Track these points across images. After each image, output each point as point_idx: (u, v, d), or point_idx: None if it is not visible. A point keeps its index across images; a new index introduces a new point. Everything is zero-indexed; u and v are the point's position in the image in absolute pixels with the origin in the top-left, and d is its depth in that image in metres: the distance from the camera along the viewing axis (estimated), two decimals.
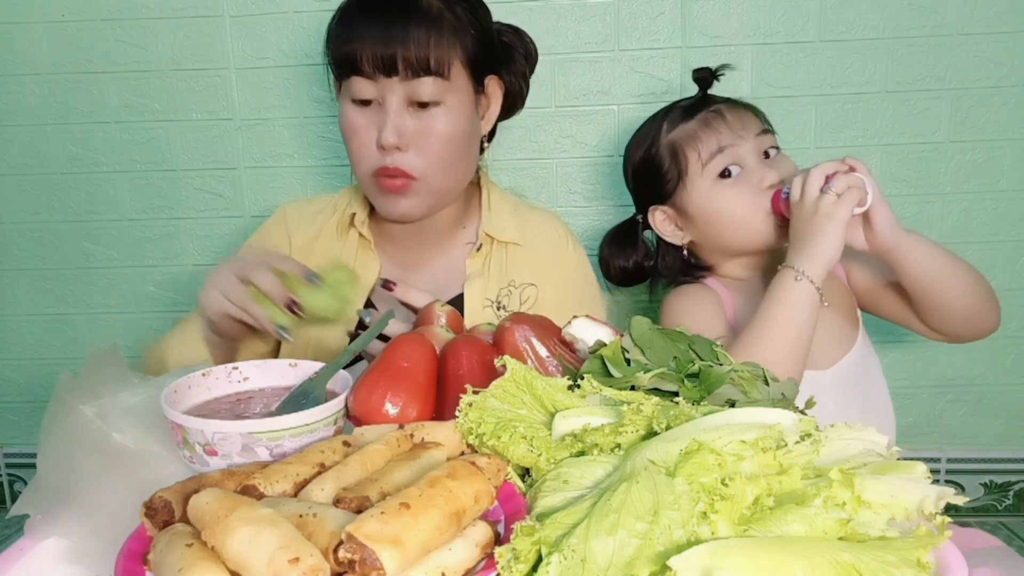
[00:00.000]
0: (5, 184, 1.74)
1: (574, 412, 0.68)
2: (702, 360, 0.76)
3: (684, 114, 1.20)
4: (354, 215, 1.21)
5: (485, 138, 1.21)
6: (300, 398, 0.79)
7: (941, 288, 1.09)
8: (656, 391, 0.72)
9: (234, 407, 0.80)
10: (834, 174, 1.03)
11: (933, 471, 0.85)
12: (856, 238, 1.06)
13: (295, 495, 0.60)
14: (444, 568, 0.52)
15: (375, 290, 1.20)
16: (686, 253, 1.26)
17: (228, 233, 1.74)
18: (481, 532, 0.55)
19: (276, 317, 0.91)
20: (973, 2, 1.57)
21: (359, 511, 0.54)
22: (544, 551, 0.51)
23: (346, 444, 0.67)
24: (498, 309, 1.18)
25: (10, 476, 1.96)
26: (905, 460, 0.57)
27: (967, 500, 0.60)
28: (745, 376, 0.74)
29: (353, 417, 0.79)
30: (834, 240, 1.01)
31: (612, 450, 0.63)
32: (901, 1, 1.57)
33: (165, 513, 0.58)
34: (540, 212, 1.29)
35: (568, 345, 0.85)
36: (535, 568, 0.50)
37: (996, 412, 1.77)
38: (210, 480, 0.61)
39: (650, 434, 0.63)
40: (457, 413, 0.69)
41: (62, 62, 1.67)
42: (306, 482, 0.61)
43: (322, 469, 0.62)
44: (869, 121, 1.63)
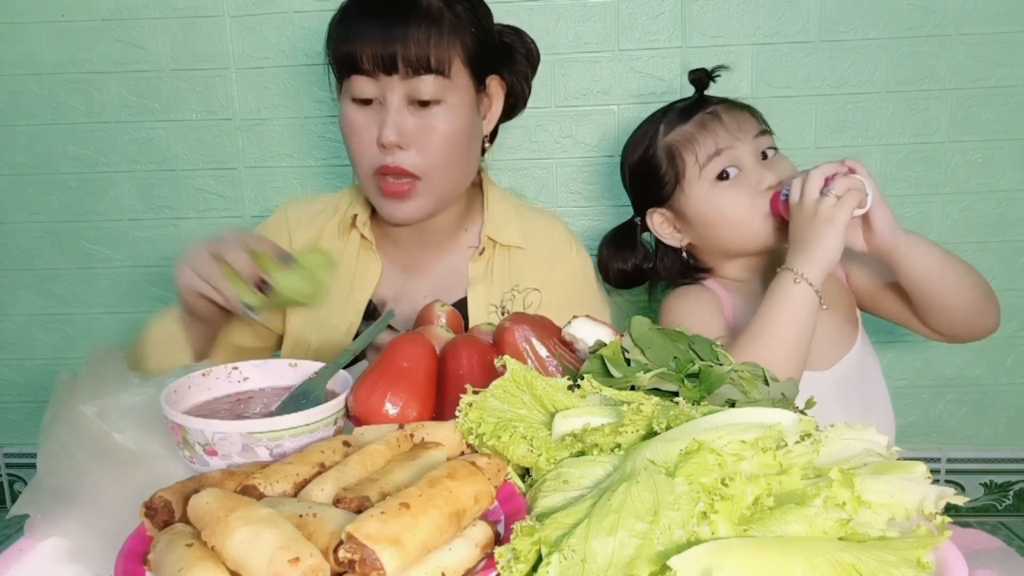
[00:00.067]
0: (5, 184, 1.74)
1: (574, 412, 0.68)
2: (702, 360, 0.76)
3: (681, 116, 1.20)
4: (356, 216, 1.20)
5: (486, 138, 1.21)
6: (300, 398, 0.79)
7: (941, 288, 1.08)
8: (656, 391, 0.72)
9: (234, 407, 0.80)
10: (833, 176, 1.03)
11: (933, 471, 0.85)
12: (855, 239, 1.06)
13: (295, 495, 0.60)
14: (444, 568, 0.52)
15: (376, 291, 1.20)
16: (685, 255, 1.26)
17: None
18: (481, 532, 0.55)
19: (244, 296, 0.91)
20: (973, 2, 1.57)
21: (359, 511, 0.54)
22: (544, 551, 0.51)
23: (346, 444, 0.67)
24: (502, 314, 1.17)
25: (10, 476, 1.96)
26: (905, 460, 0.57)
27: (967, 500, 0.60)
28: (745, 376, 0.74)
29: (353, 417, 0.79)
30: (833, 243, 1.01)
31: (612, 450, 0.63)
32: (901, 1, 1.57)
33: (165, 513, 0.58)
34: (542, 214, 1.28)
35: (568, 345, 0.85)
36: (535, 568, 0.50)
37: (996, 412, 1.77)
38: (210, 480, 0.61)
39: (650, 434, 0.63)
40: (457, 413, 0.69)
41: (62, 62, 1.67)
42: (306, 482, 0.61)
43: (322, 469, 0.62)
44: (869, 121, 1.63)
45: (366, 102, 1.08)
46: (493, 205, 1.23)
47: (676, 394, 0.71)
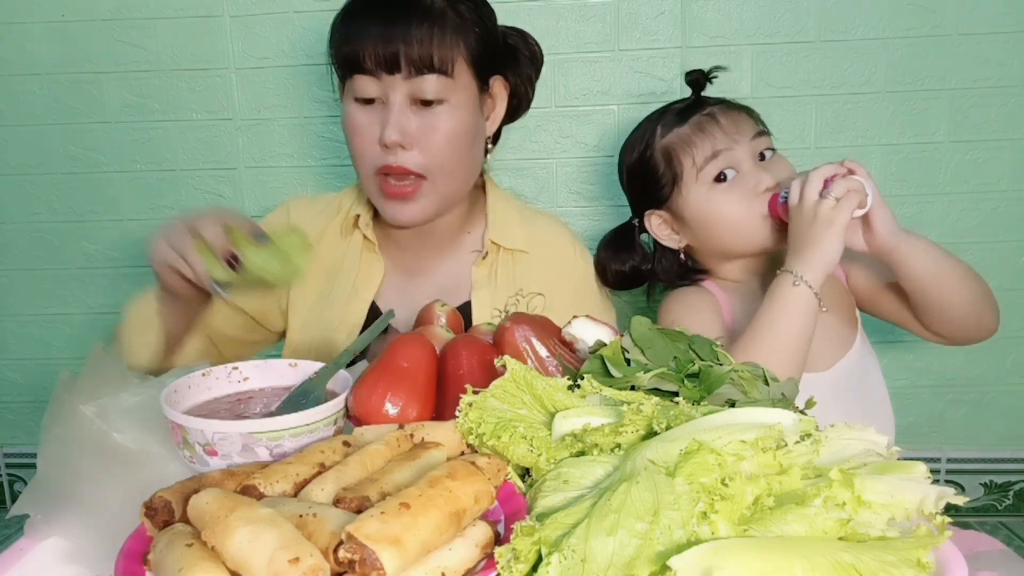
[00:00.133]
0: (5, 184, 1.74)
1: (574, 412, 0.68)
2: (702, 360, 0.76)
3: (678, 118, 1.20)
4: (358, 216, 1.20)
5: (489, 140, 1.20)
6: (300, 398, 0.79)
7: (940, 289, 1.08)
8: (656, 391, 0.72)
9: (234, 407, 0.80)
10: (832, 177, 1.03)
11: (933, 471, 0.85)
12: (855, 240, 1.06)
13: (295, 495, 0.60)
14: (444, 568, 0.52)
15: (380, 292, 1.19)
16: (683, 256, 1.26)
17: None
18: (481, 532, 0.55)
19: (214, 271, 0.90)
20: (973, 2, 1.57)
21: (359, 511, 0.54)
22: (544, 551, 0.51)
23: (346, 444, 0.67)
24: None
25: (10, 476, 1.96)
26: (905, 460, 0.57)
27: (967, 500, 0.60)
28: (745, 376, 0.74)
29: (353, 417, 0.79)
30: (833, 245, 1.01)
31: (612, 450, 0.63)
32: (901, 1, 1.57)
33: (165, 513, 0.58)
34: (546, 218, 1.28)
35: (568, 345, 0.85)
36: (535, 568, 0.50)
37: (996, 412, 1.77)
38: (210, 480, 0.61)
39: (650, 434, 0.63)
40: (457, 413, 0.69)
41: (62, 62, 1.67)
42: (306, 482, 0.61)
43: (322, 469, 0.62)
44: (869, 121, 1.63)
45: (369, 102, 1.08)
46: (496, 208, 1.22)
47: (676, 394, 0.71)
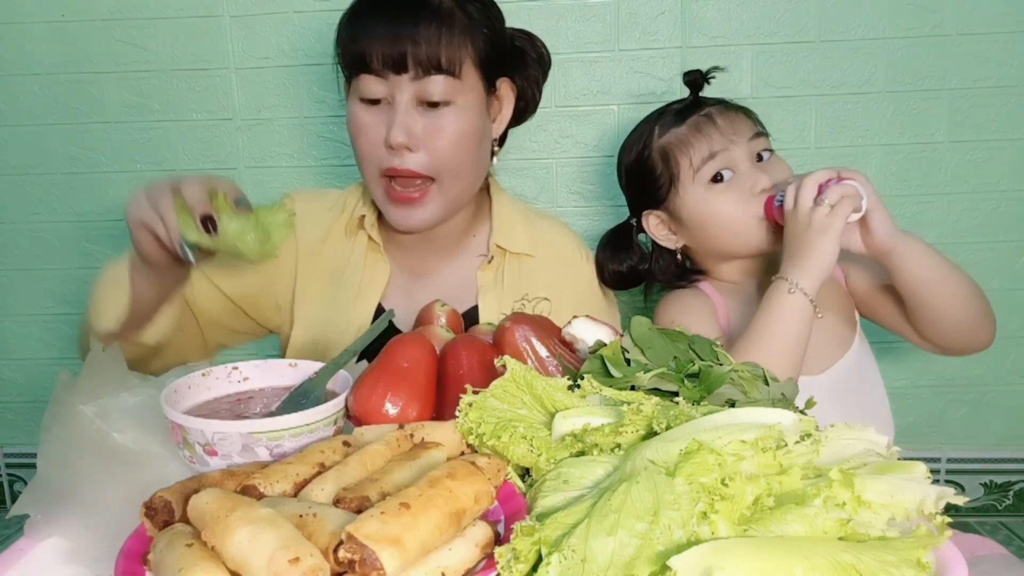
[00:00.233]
0: (5, 184, 1.74)
1: (574, 412, 0.68)
2: (702, 360, 0.76)
3: (675, 118, 1.20)
4: (363, 217, 1.19)
5: (495, 142, 1.19)
6: (300, 398, 0.79)
7: (937, 293, 1.08)
8: (656, 391, 0.72)
9: (234, 407, 0.80)
10: (827, 182, 1.02)
11: (933, 471, 0.85)
12: (853, 241, 1.06)
13: (295, 495, 0.60)
14: (444, 568, 0.52)
15: (385, 294, 1.18)
16: (680, 257, 1.26)
17: None
18: (481, 532, 0.55)
19: (187, 231, 0.89)
20: (973, 2, 1.57)
21: (359, 511, 0.54)
22: (544, 551, 0.51)
23: (346, 444, 0.67)
24: None
25: (10, 476, 1.96)
26: (905, 460, 0.57)
27: (967, 500, 0.60)
28: (745, 376, 0.74)
29: (353, 417, 0.79)
30: (828, 252, 1.00)
31: (612, 450, 0.63)
32: (901, 1, 1.57)
33: (165, 513, 0.58)
34: (552, 221, 1.27)
35: (568, 345, 0.85)
36: (535, 568, 0.50)
37: (996, 412, 1.77)
38: (210, 480, 0.61)
39: (650, 434, 0.63)
40: (457, 413, 0.69)
41: (62, 62, 1.67)
42: (306, 482, 0.61)
43: (322, 469, 0.62)
44: (869, 121, 1.63)
45: (374, 102, 1.07)
46: (501, 211, 1.22)
47: (676, 394, 0.71)
